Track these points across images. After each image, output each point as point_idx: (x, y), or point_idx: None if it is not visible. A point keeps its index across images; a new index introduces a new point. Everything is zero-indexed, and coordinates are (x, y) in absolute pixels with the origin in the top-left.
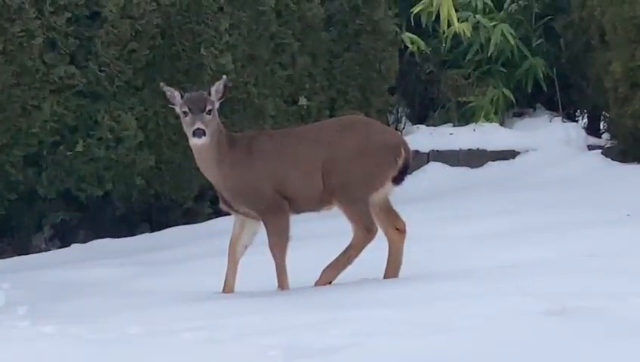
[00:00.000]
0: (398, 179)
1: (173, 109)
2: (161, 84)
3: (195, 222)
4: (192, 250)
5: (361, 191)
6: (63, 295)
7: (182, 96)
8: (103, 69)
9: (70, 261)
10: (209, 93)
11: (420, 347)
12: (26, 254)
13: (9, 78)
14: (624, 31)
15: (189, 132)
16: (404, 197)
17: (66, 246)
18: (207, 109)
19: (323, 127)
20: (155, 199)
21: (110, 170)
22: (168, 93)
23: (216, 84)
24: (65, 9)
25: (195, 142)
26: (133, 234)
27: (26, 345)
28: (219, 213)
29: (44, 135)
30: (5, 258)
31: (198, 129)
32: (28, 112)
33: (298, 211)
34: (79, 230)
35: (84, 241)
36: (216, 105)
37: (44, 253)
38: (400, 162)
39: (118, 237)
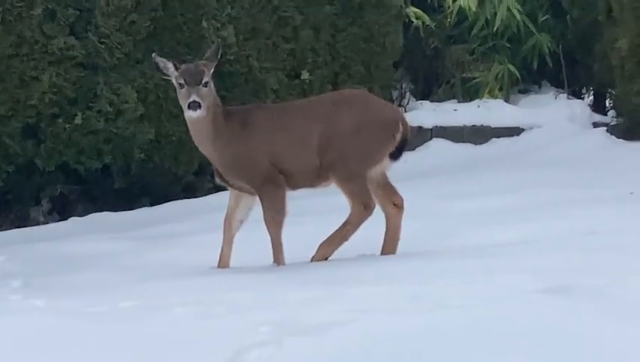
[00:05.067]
0: (395, 155)
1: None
2: (154, 54)
3: (194, 197)
4: (191, 224)
5: (358, 166)
6: (58, 268)
7: (175, 67)
8: (103, 40)
9: (68, 234)
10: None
11: (416, 324)
12: (24, 227)
13: (8, 49)
14: (631, 7)
15: (184, 104)
16: (407, 172)
17: (65, 220)
18: (204, 82)
19: (320, 101)
20: (155, 173)
21: (110, 143)
22: (161, 64)
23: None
24: None
25: (190, 115)
26: (132, 208)
27: (16, 318)
28: (219, 188)
29: (42, 107)
30: (3, 230)
31: (194, 102)
32: (26, 83)
33: (294, 187)
34: (78, 203)
35: (82, 215)
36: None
37: (42, 226)
38: (398, 138)
39: (117, 211)
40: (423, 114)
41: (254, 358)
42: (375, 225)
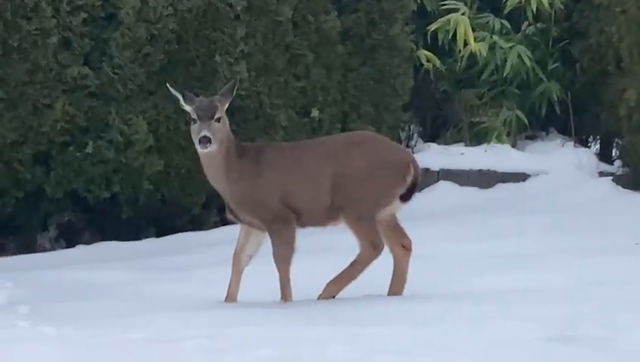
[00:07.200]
0: (406, 197)
1: (185, 113)
2: (167, 84)
3: (201, 229)
4: (197, 257)
5: (369, 207)
6: (65, 296)
7: (184, 98)
8: (116, 71)
9: (74, 262)
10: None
11: None
12: (31, 253)
13: (22, 76)
14: None
15: (195, 139)
16: (413, 214)
17: (71, 247)
18: (216, 117)
19: (332, 141)
20: (163, 204)
21: (119, 173)
22: (173, 92)
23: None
24: (81, 9)
25: (200, 149)
26: (138, 238)
27: (25, 346)
28: (225, 221)
29: (54, 134)
30: (10, 256)
31: (205, 137)
32: (39, 111)
33: (304, 225)
34: (85, 231)
35: (89, 243)
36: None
37: (48, 253)
38: (408, 180)
39: (124, 241)
40: (430, 156)
41: None
42: (383, 265)
